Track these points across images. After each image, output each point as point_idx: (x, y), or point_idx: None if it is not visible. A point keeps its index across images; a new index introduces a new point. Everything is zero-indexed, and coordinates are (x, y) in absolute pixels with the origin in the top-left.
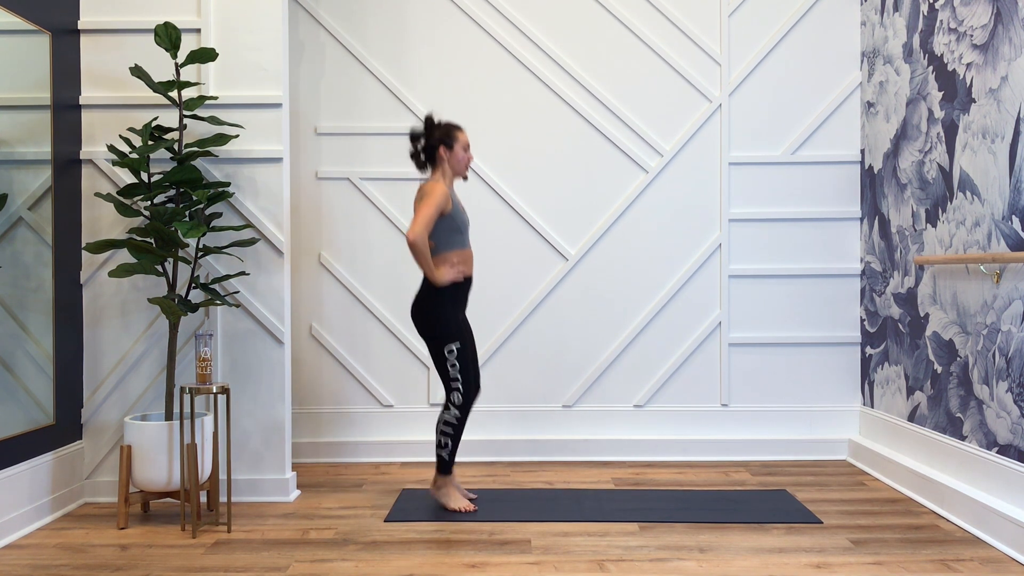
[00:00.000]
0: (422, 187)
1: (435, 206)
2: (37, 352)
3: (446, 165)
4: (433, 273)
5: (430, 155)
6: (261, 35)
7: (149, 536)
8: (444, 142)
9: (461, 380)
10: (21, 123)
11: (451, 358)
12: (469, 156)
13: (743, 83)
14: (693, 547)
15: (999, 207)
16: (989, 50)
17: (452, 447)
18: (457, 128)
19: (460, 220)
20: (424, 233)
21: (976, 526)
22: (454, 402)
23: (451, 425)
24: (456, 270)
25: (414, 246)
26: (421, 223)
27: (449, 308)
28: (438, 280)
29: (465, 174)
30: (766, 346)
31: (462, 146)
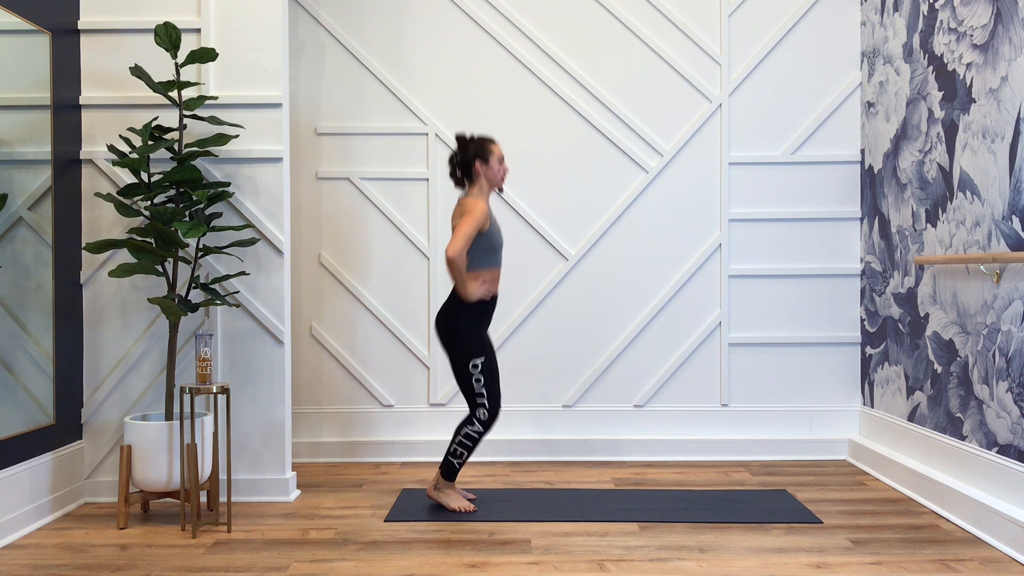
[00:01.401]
0: (462, 202)
1: (475, 224)
2: (37, 352)
3: (483, 180)
4: (465, 289)
5: (467, 171)
6: (261, 35)
7: (149, 536)
8: (480, 156)
9: (487, 396)
10: (21, 123)
11: (475, 372)
12: (505, 168)
13: (743, 83)
14: (693, 547)
15: (999, 207)
16: (989, 50)
17: (466, 458)
18: (491, 141)
19: (496, 239)
20: (463, 251)
21: (976, 526)
22: (479, 418)
23: (471, 439)
24: (485, 287)
25: (452, 263)
26: (461, 240)
27: (475, 323)
28: (469, 296)
29: (502, 186)
30: (766, 346)
31: (497, 159)
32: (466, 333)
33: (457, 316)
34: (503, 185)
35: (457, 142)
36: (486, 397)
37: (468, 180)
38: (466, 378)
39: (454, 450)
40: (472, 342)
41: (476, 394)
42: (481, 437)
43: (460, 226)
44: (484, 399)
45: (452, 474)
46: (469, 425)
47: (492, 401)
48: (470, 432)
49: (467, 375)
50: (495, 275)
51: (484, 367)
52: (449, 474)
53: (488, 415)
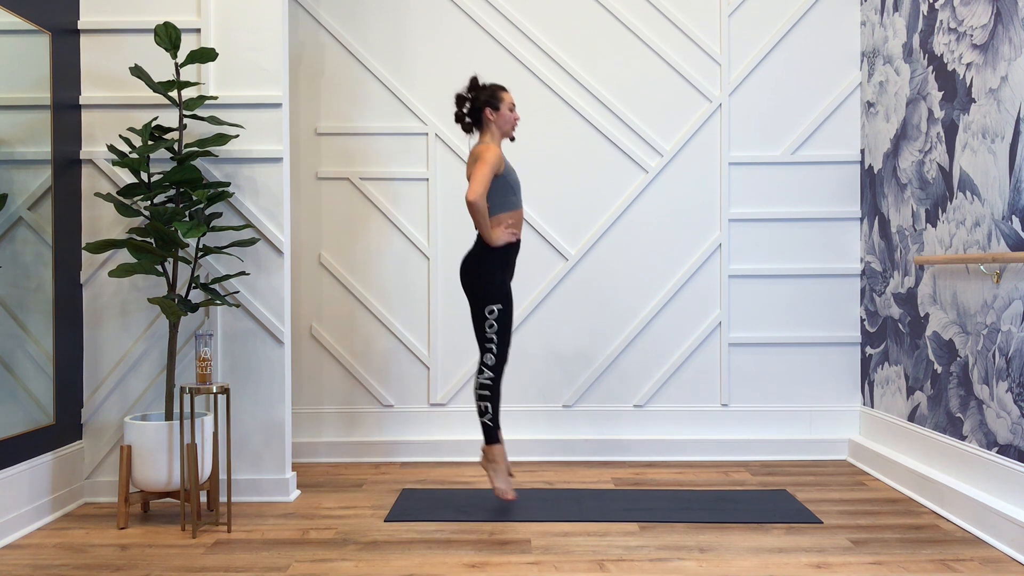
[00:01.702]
0: (474, 150)
1: (491, 166)
2: (37, 352)
3: (493, 127)
4: (489, 233)
5: (476, 117)
6: (261, 35)
7: (149, 536)
8: (490, 103)
9: (496, 342)
10: (21, 123)
11: (491, 318)
12: (515, 116)
13: (743, 83)
14: (693, 547)
15: (999, 207)
16: (989, 50)
17: (493, 411)
18: (502, 88)
19: (513, 180)
20: (483, 193)
21: (976, 526)
22: (487, 363)
23: (487, 387)
24: (509, 232)
25: (473, 206)
26: (479, 183)
27: (498, 270)
28: (493, 241)
29: (512, 134)
30: (766, 346)
31: (508, 106)
32: (488, 279)
33: (481, 262)
34: (513, 134)
35: (468, 85)
36: (495, 343)
37: (477, 127)
38: (480, 322)
39: (479, 408)
40: (492, 288)
41: (487, 339)
42: (495, 384)
43: (476, 170)
44: (493, 344)
45: (491, 435)
46: (479, 375)
47: (500, 346)
48: (482, 382)
49: (482, 318)
50: (517, 217)
51: (500, 314)
52: (489, 437)
53: (495, 360)
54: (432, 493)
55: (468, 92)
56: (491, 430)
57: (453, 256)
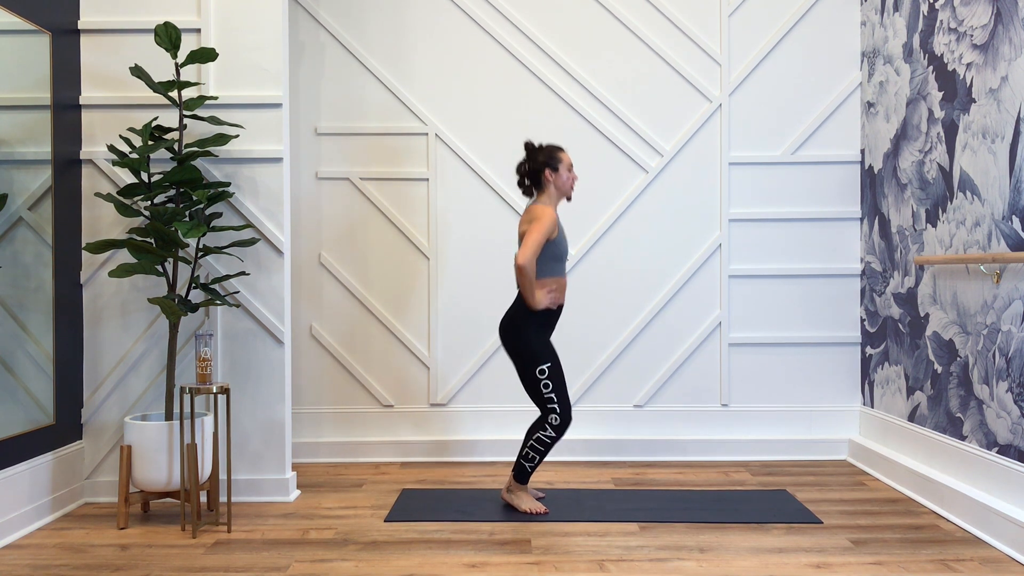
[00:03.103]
0: (531, 209)
1: (545, 232)
2: (37, 352)
3: (552, 187)
4: (533, 298)
5: (535, 179)
6: (261, 35)
7: (149, 536)
8: (549, 165)
9: (557, 401)
10: (21, 123)
11: (542, 379)
12: (574, 176)
13: (743, 83)
14: (693, 547)
15: (999, 207)
16: (989, 50)
17: (538, 462)
18: (559, 149)
19: (562, 248)
20: (534, 259)
21: (976, 526)
22: (551, 423)
23: (544, 443)
24: (551, 296)
25: (522, 271)
26: (531, 248)
27: (539, 331)
28: (536, 305)
29: (570, 194)
30: (766, 346)
31: (566, 167)
32: (533, 341)
33: (523, 323)
34: (571, 194)
35: (525, 150)
36: (556, 402)
37: (536, 189)
38: (534, 384)
39: (526, 454)
40: (538, 349)
41: (545, 399)
42: (554, 442)
43: (530, 233)
44: (555, 404)
45: (524, 477)
46: (541, 430)
47: (563, 405)
48: (542, 437)
49: (535, 381)
50: (561, 284)
51: (551, 372)
52: (521, 477)
53: (560, 420)
54: (432, 493)
55: (526, 157)
56: (527, 476)
57: (453, 256)
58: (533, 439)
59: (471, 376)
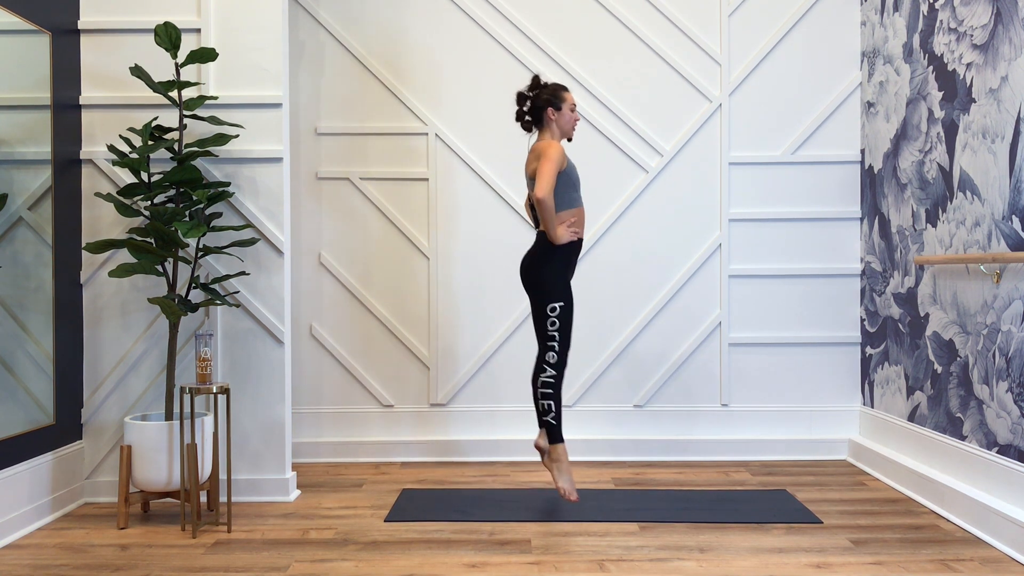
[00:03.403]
0: (536, 146)
1: (556, 163)
2: (37, 352)
3: (554, 126)
4: (555, 231)
5: (537, 116)
6: (261, 35)
7: (149, 536)
8: (552, 103)
9: (558, 339)
10: (21, 123)
11: (552, 316)
12: (576, 116)
13: (743, 83)
14: (693, 547)
15: (999, 207)
16: (989, 50)
17: (557, 410)
18: (564, 89)
19: (575, 177)
20: (551, 190)
21: (976, 526)
22: (549, 361)
23: (550, 385)
24: (572, 229)
25: (542, 203)
26: (548, 180)
27: (560, 268)
28: (558, 239)
29: (571, 135)
30: (766, 346)
31: (569, 106)
32: (550, 277)
33: (544, 260)
34: (572, 135)
35: (531, 84)
36: (557, 340)
37: (537, 126)
38: (542, 319)
39: (541, 407)
40: (555, 286)
41: (548, 336)
42: (557, 382)
43: (542, 166)
44: (555, 341)
45: (557, 434)
46: (543, 373)
47: (562, 344)
48: (545, 380)
49: (544, 316)
50: (580, 215)
51: (562, 311)
52: (553, 435)
53: (557, 357)
54: (432, 493)
55: (529, 90)
56: (555, 428)
57: (453, 256)
58: (540, 387)
59: (471, 376)
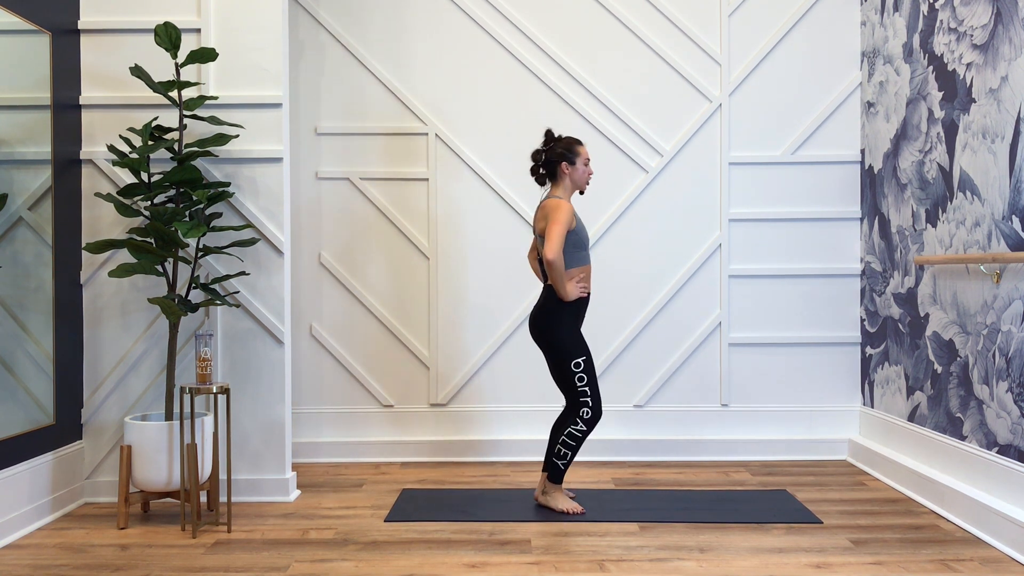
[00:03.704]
0: (545, 204)
1: (565, 224)
2: (37, 352)
3: (567, 180)
4: (565, 290)
5: (551, 170)
6: (261, 35)
7: (149, 536)
8: (566, 157)
9: (590, 395)
10: (21, 123)
11: (578, 372)
12: (589, 171)
13: (743, 83)
14: (693, 547)
15: (999, 207)
16: (989, 50)
17: (571, 459)
18: (578, 143)
19: (583, 236)
20: (560, 250)
21: (976, 526)
22: (582, 416)
23: (575, 438)
24: (581, 286)
25: (553, 264)
26: (558, 242)
27: (572, 322)
28: (567, 296)
29: (584, 188)
30: (766, 346)
31: (583, 161)
32: (567, 333)
33: (555, 317)
34: (585, 188)
35: (544, 138)
36: (589, 396)
37: (551, 179)
38: (567, 377)
39: (558, 451)
40: (574, 342)
41: (579, 393)
42: (585, 436)
43: (551, 228)
44: (588, 398)
45: (558, 476)
46: (572, 425)
47: (595, 399)
48: (573, 432)
49: (569, 374)
50: (587, 272)
51: (586, 366)
52: (555, 476)
53: (591, 414)
54: (432, 493)
55: (544, 145)
56: (561, 474)
57: (453, 256)
58: (564, 435)
59: (471, 376)
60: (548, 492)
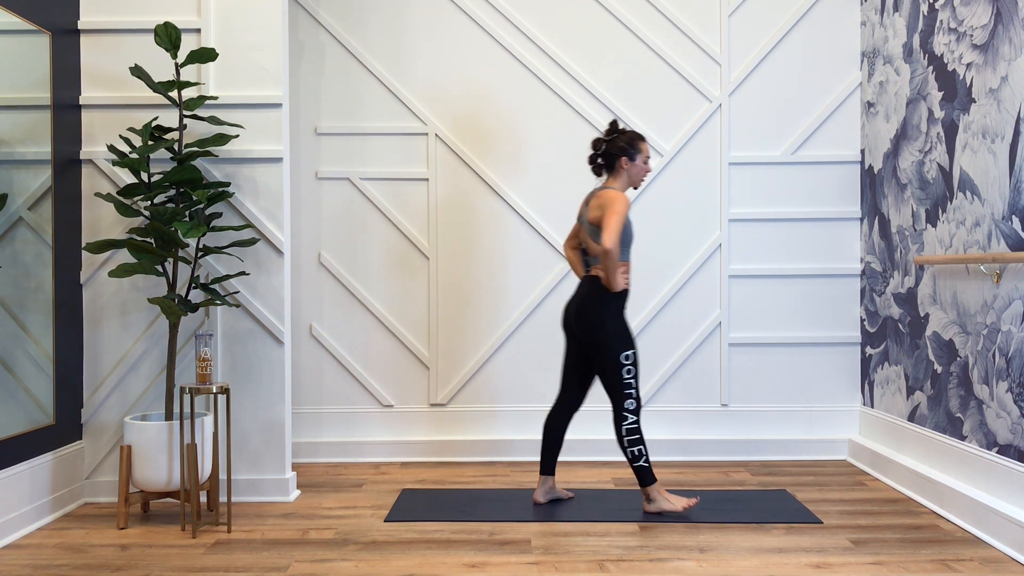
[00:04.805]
0: (602, 194)
1: (623, 215)
2: (37, 352)
3: (624, 176)
4: (616, 280)
5: (609, 162)
6: (261, 35)
7: (149, 536)
8: (627, 152)
9: (635, 386)
10: (21, 123)
11: (627, 364)
12: (648, 168)
13: (743, 83)
14: (693, 547)
15: (999, 207)
16: (989, 50)
17: (646, 453)
18: (641, 139)
19: (631, 233)
20: (619, 241)
21: (976, 526)
22: (628, 408)
23: (634, 432)
24: (626, 278)
25: (610, 254)
26: (616, 230)
27: (620, 313)
28: (616, 287)
29: (639, 185)
30: (766, 346)
31: (643, 158)
32: (615, 326)
33: (603, 307)
34: (640, 185)
35: (608, 128)
36: (634, 387)
37: (607, 171)
38: (615, 370)
39: (631, 455)
40: (621, 333)
41: (624, 385)
42: (639, 425)
43: (610, 218)
44: (632, 389)
45: (650, 478)
46: (625, 423)
47: (638, 390)
48: (629, 428)
49: (617, 366)
50: (628, 269)
51: (634, 359)
52: (647, 480)
53: (635, 403)
54: (432, 493)
55: (606, 135)
56: (647, 471)
57: (453, 256)
58: (624, 437)
59: (471, 376)
60: (653, 499)
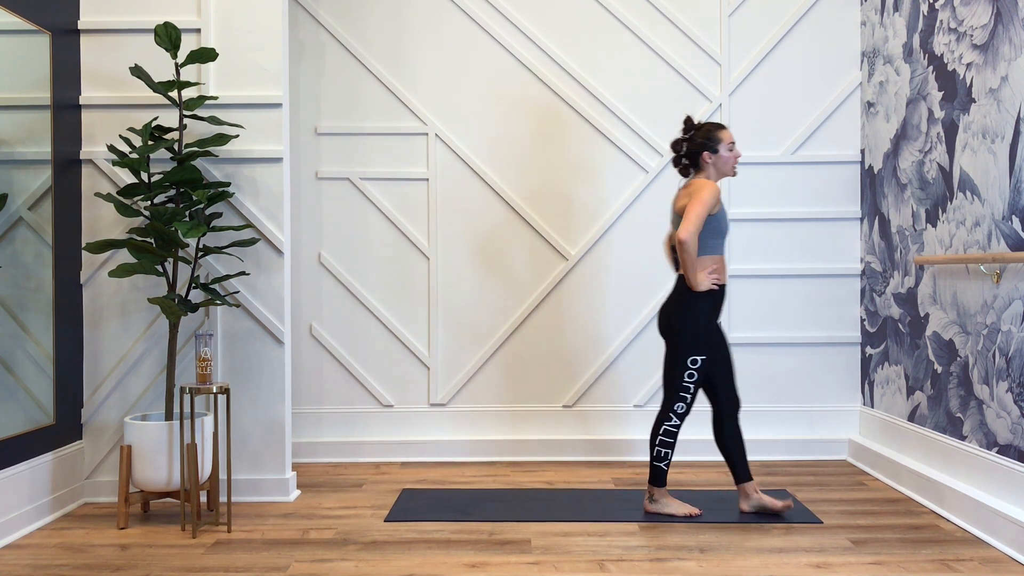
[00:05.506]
0: (693, 182)
1: (707, 205)
2: (37, 352)
3: (711, 169)
4: (695, 276)
5: (694, 160)
6: (261, 35)
7: (149, 536)
8: (707, 147)
9: (692, 392)
10: (21, 123)
11: (692, 368)
12: (736, 154)
13: (743, 83)
14: (693, 547)
15: (999, 207)
16: (989, 50)
17: (670, 458)
18: (719, 127)
19: (724, 224)
20: (697, 233)
21: (976, 526)
22: (676, 411)
23: (670, 434)
24: (712, 277)
25: (685, 245)
26: (694, 222)
27: (703, 316)
28: (696, 286)
29: (733, 173)
30: (766, 346)
31: (726, 146)
32: (691, 327)
33: (685, 308)
34: (733, 172)
35: (684, 127)
36: (690, 393)
37: (695, 169)
38: (679, 371)
39: (657, 453)
40: (697, 337)
41: (682, 387)
42: (678, 431)
43: (691, 206)
44: (688, 395)
45: (662, 479)
46: (666, 421)
47: (693, 396)
48: (668, 428)
49: (682, 368)
50: (720, 263)
51: (702, 364)
52: (659, 480)
53: (685, 408)
54: (432, 493)
55: (684, 133)
56: (664, 475)
57: (453, 256)
58: (660, 436)
59: (471, 376)
60: (657, 499)
